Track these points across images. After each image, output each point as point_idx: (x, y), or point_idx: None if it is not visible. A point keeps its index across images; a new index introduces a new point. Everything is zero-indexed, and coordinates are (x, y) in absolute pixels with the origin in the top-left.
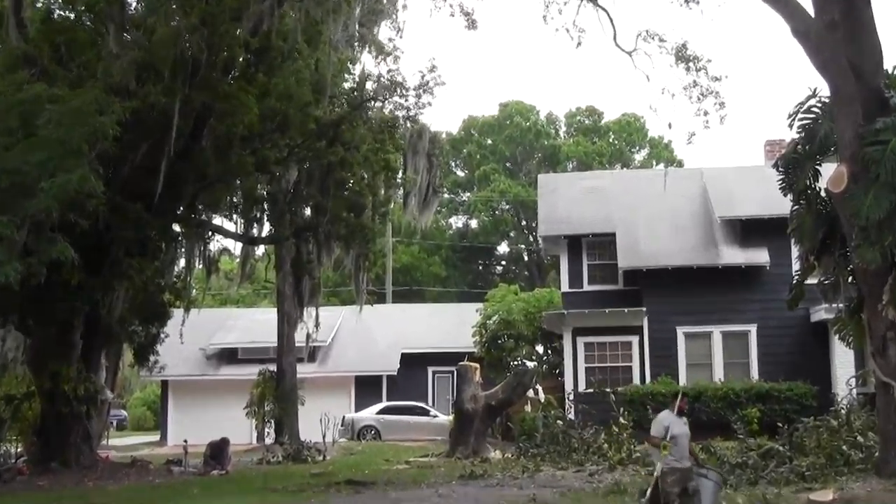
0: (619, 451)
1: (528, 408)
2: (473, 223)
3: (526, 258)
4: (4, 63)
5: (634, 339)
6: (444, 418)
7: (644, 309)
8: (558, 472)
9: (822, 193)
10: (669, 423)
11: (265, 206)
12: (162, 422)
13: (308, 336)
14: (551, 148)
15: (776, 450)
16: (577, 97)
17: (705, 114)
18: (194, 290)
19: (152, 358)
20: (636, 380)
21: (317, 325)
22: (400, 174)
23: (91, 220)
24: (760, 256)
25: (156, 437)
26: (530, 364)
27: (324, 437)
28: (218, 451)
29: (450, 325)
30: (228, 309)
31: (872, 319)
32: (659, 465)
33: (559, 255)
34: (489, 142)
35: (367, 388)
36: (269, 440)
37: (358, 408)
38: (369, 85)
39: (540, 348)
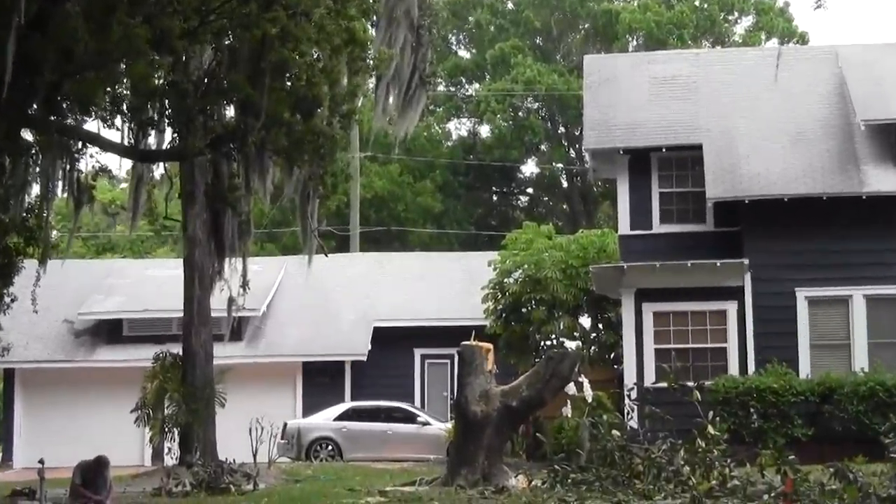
0: (706, 477)
1: (566, 411)
2: (484, 131)
3: (564, 184)
4: None
5: (731, 308)
6: (440, 426)
7: (746, 261)
8: None
9: None
10: None
11: (166, 104)
12: (5, 432)
13: (232, 302)
14: (605, 15)
15: None
16: None
17: None
18: (55, 232)
19: None
20: (733, 368)
21: (245, 285)
22: (371, 53)
23: None
24: None
25: None
26: (571, 345)
27: (255, 454)
28: (92, 476)
29: (448, 286)
30: (109, 260)
31: None
32: None
33: (615, 178)
34: (509, 6)
35: (321, 380)
36: (171, 460)
37: (308, 410)
38: None
39: (586, 321)
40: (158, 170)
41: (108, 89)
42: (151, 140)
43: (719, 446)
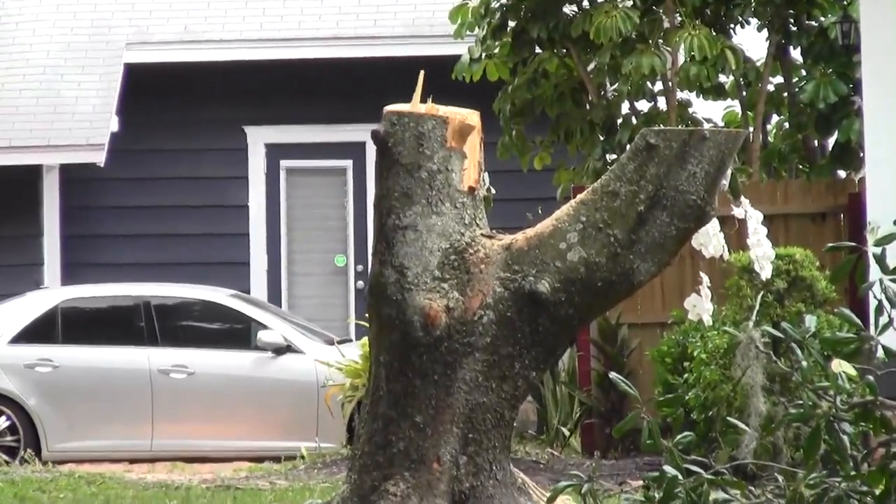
0: None
1: (697, 306)
2: None
3: None
4: None
5: None
6: (323, 354)
7: None
8: None
9: None
10: None
11: None
12: None
13: None
14: None
15: None
16: None
17: None
18: None
19: None
20: None
21: None
22: None
23: None
24: None
25: None
26: (712, 118)
27: None
28: None
29: None
30: None
31: None
32: None
33: None
34: None
35: None
36: None
37: None
38: None
39: (745, 39)
40: None
41: None
42: None
43: None
